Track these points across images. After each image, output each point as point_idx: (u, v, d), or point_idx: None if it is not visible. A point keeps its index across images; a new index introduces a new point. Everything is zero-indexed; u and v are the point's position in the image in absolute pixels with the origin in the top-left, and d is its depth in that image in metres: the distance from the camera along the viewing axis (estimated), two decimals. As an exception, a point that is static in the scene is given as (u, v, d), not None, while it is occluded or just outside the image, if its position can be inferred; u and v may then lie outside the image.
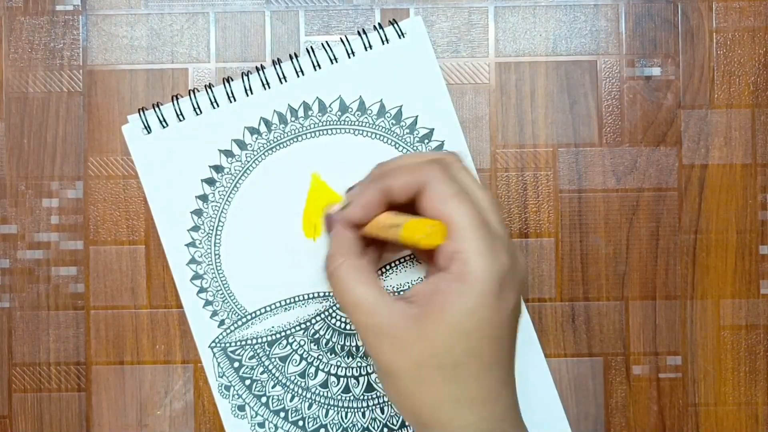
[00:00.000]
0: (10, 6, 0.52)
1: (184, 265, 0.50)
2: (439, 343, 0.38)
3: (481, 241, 0.38)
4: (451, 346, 0.38)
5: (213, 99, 0.50)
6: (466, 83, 0.52)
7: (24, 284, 0.51)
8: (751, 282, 0.52)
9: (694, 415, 0.52)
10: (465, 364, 0.38)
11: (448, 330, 0.38)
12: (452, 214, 0.39)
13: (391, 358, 0.39)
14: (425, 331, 0.38)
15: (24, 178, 0.51)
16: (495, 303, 0.38)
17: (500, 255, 0.39)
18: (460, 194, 0.39)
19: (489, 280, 0.38)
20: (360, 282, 0.40)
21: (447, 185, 0.40)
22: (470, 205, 0.39)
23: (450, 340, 0.38)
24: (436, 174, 0.40)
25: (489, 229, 0.39)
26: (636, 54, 0.52)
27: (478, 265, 0.38)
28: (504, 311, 0.39)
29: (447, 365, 0.38)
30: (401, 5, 0.52)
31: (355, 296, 0.40)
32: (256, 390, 0.50)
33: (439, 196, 0.40)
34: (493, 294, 0.38)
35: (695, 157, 0.52)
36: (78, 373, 0.51)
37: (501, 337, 0.39)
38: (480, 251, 0.38)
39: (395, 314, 0.39)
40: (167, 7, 0.52)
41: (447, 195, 0.39)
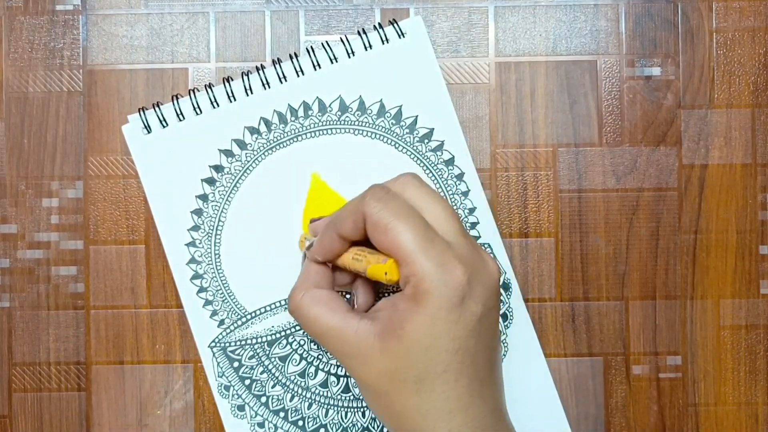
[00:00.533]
0: (10, 6, 0.52)
1: (184, 264, 0.50)
2: (399, 359, 0.39)
3: (428, 261, 0.39)
4: (410, 362, 0.39)
5: (213, 99, 0.50)
6: (466, 83, 0.52)
7: (24, 284, 0.51)
8: (751, 282, 0.52)
9: (694, 415, 0.52)
10: (427, 378, 0.39)
11: (406, 347, 0.39)
12: (393, 242, 0.39)
13: (360, 373, 0.41)
14: (386, 347, 0.39)
15: (24, 178, 0.51)
16: (454, 317, 0.39)
17: (453, 268, 0.39)
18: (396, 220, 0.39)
19: (443, 297, 0.38)
20: (322, 311, 0.42)
21: (381, 214, 0.40)
22: (409, 227, 0.39)
23: (409, 357, 0.39)
24: (369, 206, 0.40)
25: (435, 245, 0.39)
26: (636, 54, 0.52)
27: (429, 285, 0.38)
28: (467, 322, 0.39)
29: (409, 379, 0.39)
30: (401, 5, 0.52)
31: (319, 325, 0.42)
32: (256, 390, 0.50)
33: (377, 229, 0.40)
34: (450, 309, 0.38)
35: (695, 157, 0.52)
36: (78, 373, 0.51)
37: (465, 348, 0.39)
38: (428, 271, 0.38)
39: (360, 334, 0.40)
40: (167, 7, 0.52)
41: (383, 225, 0.39)
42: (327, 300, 0.43)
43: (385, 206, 0.40)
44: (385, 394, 0.40)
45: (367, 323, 0.41)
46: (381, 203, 0.40)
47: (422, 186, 0.42)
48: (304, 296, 0.43)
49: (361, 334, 0.40)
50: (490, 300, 0.40)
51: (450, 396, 0.39)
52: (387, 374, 0.40)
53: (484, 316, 0.40)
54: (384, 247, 0.40)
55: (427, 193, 0.42)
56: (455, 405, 0.39)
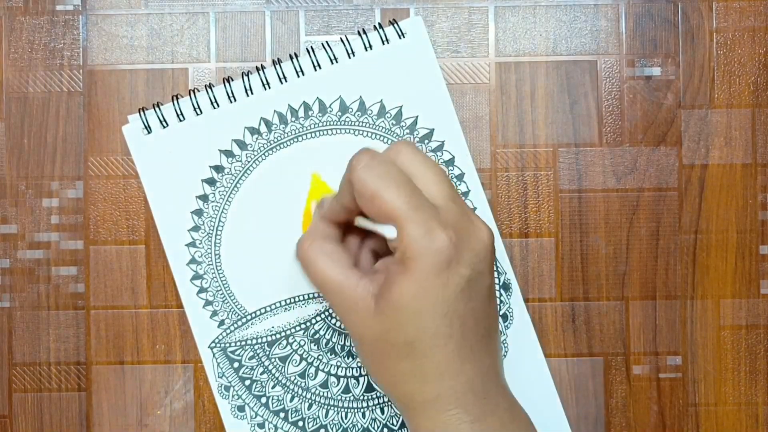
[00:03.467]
0: (10, 6, 0.52)
1: (185, 265, 0.50)
2: (390, 322, 0.40)
3: (414, 225, 0.39)
4: (399, 325, 0.40)
5: (213, 99, 0.50)
6: (466, 83, 0.52)
7: (24, 284, 0.51)
8: (751, 282, 0.52)
9: (694, 415, 0.52)
10: (416, 341, 0.40)
11: (395, 311, 0.40)
12: (380, 209, 0.40)
13: (357, 331, 0.42)
14: (379, 309, 0.40)
15: (24, 178, 0.51)
16: (441, 281, 0.39)
17: (438, 233, 0.39)
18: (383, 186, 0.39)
19: (429, 262, 0.39)
20: (326, 261, 0.42)
21: (367, 181, 0.40)
22: (395, 192, 0.39)
23: (398, 320, 0.40)
24: (354, 173, 0.40)
25: (421, 210, 0.39)
26: (636, 54, 0.52)
27: (414, 249, 0.39)
28: (455, 286, 0.39)
29: (399, 342, 0.40)
30: (401, 5, 0.52)
31: (322, 275, 0.42)
32: (256, 390, 0.50)
33: (362, 197, 0.40)
34: (437, 273, 0.39)
35: (695, 157, 0.52)
36: (78, 373, 0.51)
37: (454, 312, 0.39)
38: (414, 236, 0.39)
39: (358, 292, 0.41)
40: (167, 7, 0.52)
41: (369, 193, 0.40)
42: (332, 252, 0.43)
43: (369, 172, 0.40)
44: (379, 355, 0.41)
45: (365, 282, 0.41)
46: (366, 169, 0.40)
47: (415, 152, 0.42)
48: (311, 245, 0.43)
49: (360, 291, 0.41)
50: (479, 264, 0.40)
51: (440, 359, 0.40)
52: (380, 335, 0.40)
53: (473, 279, 0.40)
54: (373, 214, 0.40)
55: (419, 159, 0.42)
56: (444, 368, 0.40)
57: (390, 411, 0.50)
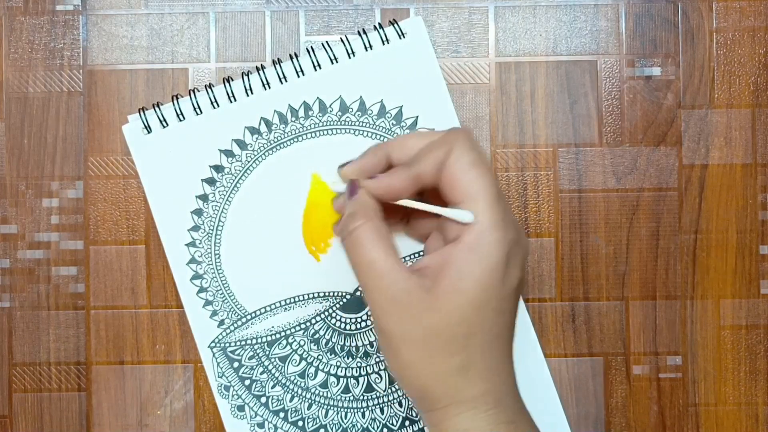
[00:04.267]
0: (10, 6, 0.52)
1: (184, 264, 0.50)
2: (454, 314, 0.38)
3: (496, 214, 0.39)
4: (464, 317, 0.38)
5: (213, 99, 0.50)
6: (466, 83, 0.52)
7: (24, 284, 0.51)
8: (751, 282, 0.52)
9: (694, 415, 0.52)
10: (475, 334, 0.39)
11: (462, 301, 0.38)
12: (472, 183, 0.39)
13: (400, 327, 0.39)
14: (439, 302, 0.38)
15: (24, 178, 0.51)
16: (503, 275, 0.39)
17: (510, 228, 0.39)
18: (480, 164, 0.40)
19: (499, 252, 0.38)
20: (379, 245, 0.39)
21: (468, 153, 0.40)
22: (489, 176, 0.40)
23: (464, 312, 0.38)
24: (460, 141, 0.40)
25: (502, 201, 0.39)
26: (636, 54, 0.52)
27: (492, 236, 0.38)
28: (509, 284, 0.39)
29: (459, 336, 0.38)
30: (401, 5, 0.52)
31: (371, 257, 0.39)
32: (256, 390, 0.50)
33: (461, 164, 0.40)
34: (502, 267, 0.39)
35: (695, 157, 0.52)
36: (78, 373, 0.51)
37: (506, 310, 0.40)
38: (494, 223, 0.39)
39: (410, 283, 0.39)
40: (167, 7, 0.52)
41: (468, 163, 0.39)
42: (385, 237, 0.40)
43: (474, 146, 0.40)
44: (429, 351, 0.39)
45: (416, 277, 0.39)
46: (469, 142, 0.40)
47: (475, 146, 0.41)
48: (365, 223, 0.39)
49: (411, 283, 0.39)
50: (524, 269, 0.40)
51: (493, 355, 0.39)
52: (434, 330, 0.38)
53: (519, 283, 0.40)
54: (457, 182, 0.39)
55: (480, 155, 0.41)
56: (493, 364, 0.39)
57: (390, 411, 0.50)
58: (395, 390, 0.50)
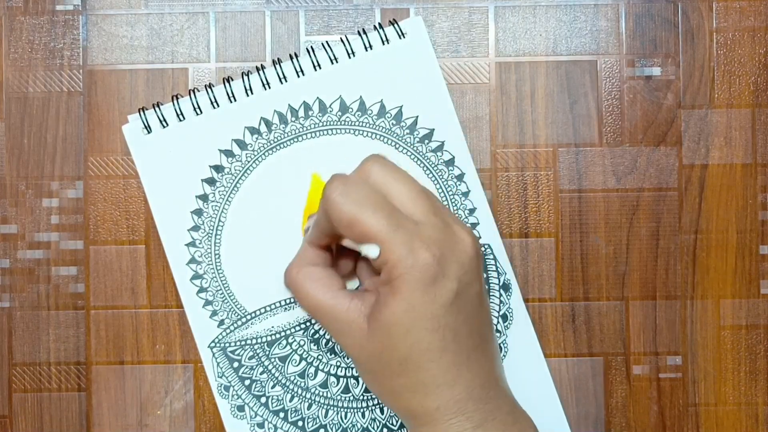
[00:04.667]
0: (10, 6, 0.52)
1: (184, 264, 0.50)
2: (382, 341, 0.40)
3: (396, 247, 0.39)
4: (391, 344, 0.40)
5: (213, 99, 0.50)
6: (466, 83, 0.52)
7: (24, 284, 0.51)
8: (751, 282, 0.52)
9: (694, 415, 0.52)
10: (410, 358, 0.40)
11: (386, 330, 0.40)
12: (360, 234, 0.39)
13: (351, 351, 0.42)
14: (371, 329, 0.40)
15: (24, 178, 0.51)
16: (429, 297, 0.39)
17: (422, 251, 0.39)
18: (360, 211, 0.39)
19: (415, 280, 0.39)
20: (315, 287, 0.43)
21: (343, 208, 0.40)
22: (373, 215, 0.39)
23: (390, 339, 0.40)
24: (329, 203, 0.40)
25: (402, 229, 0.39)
26: (636, 54, 0.52)
27: (399, 269, 0.39)
28: (443, 300, 0.39)
29: (393, 360, 0.40)
30: (401, 5, 0.52)
31: (312, 300, 0.43)
32: (256, 390, 0.50)
33: (341, 224, 0.40)
34: (424, 290, 0.39)
35: (695, 157, 0.52)
36: (78, 373, 0.51)
37: (445, 325, 0.39)
38: (398, 257, 0.39)
39: (350, 314, 0.41)
40: (167, 7, 0.52)
41: (347, 220, 0.39)
42: (321, 277, 0.43)
43: (345, 198, 0.40)
44: (376, 373, 0.41)
45: (357, 303, 0.41)
46: (341, 197, 0.40)
47: (387, 168, 0.41)
48: (299, 272, 0.44)
49: (351, 313, 0.41)
50: (466, 275, 0.40)
51: (435, 373, 0.40)
52: (375, 355, 0.41)
53: (461, 291, 0.40)
54: (353, 239, 0.40)
55: (393, 176, 0.41)
56: (441, 380, 0.40)
57: (390, 411, 0.50)
58: (395, 390, 0.50)
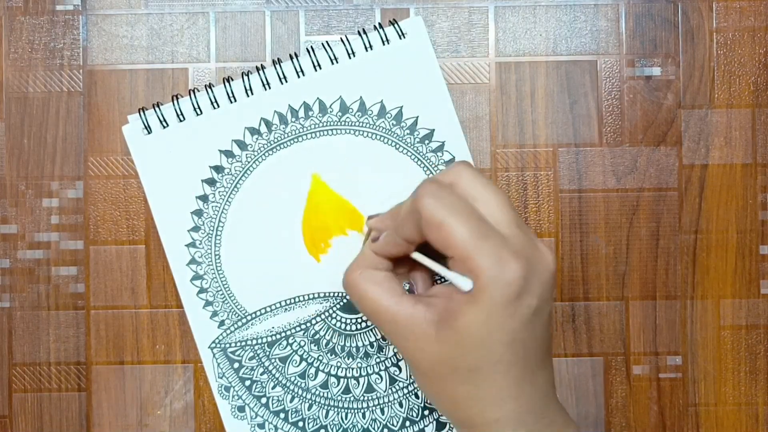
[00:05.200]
0: (10, 6, 0.51)
1: (185, 265, 0.50)
2: (453, 348, 0.39)
3: (483, 257, 0.38)
4: (464, 352, 0.39)
5: (213, 99, 0.50)
6: (467, 83, 0.52)
7: (24, 284, 0.51)
8: (751, 282, 0.52)
9: (694, 415, 0.52)
10: (479, 368, 0.39)
11: (460, 338, 0.39)
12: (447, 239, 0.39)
13: (413, 356, 0.41)
14: (440, 336, 0.39)
15: (24, 178, 0.51)
16: (509, 311, 0.38)
17: (509, 264, 0.38)
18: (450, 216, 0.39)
19: (499, 294, 0.38)
20: (377, 290, 0.42)
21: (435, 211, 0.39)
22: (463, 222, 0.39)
23: (463, 348, 0.39)
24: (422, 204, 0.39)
25: (490, 240, 0.39)
26: (636, 54, 0.52)
27: (485, 281, 0.38)
28: (522, 316, 0.39)
29: (461, 368, 0.39)
30: (401, 5, 0.52)
31: (374, 305, 0.42)
32: (256, 391, 0.50)
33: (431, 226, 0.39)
34: (506, 304, 0.38)
35: (695, 157, 0.52)
36: (78, 373, 0.51)
37: (519, 340, 0.39)
38: (484, 268, 0.38)
39: (414, 319, 0.40)
40: (167, 7, 0.52)
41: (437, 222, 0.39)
42: (383, 281, 0.42)
43: (437, 202, 0.39)
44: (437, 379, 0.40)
45: (421, 309, 0.41)
46: (433, 199, 0.39)
47: (476, 176, 0.41)
48: (361, 274, 0.43)
49: (416, 319, 0.40)
50: (545, 293, 0.40)
51: (502, 385, 0.39)
52: (441, 361, 0.40)
53: (539, 308, 0.39)
54: (439, 244, 0.39)
55: (481, 184, 0.41)
56: (506, 393, 0.40)
57: (390, 411, 0.50)
58: (396, 390, 0.50)
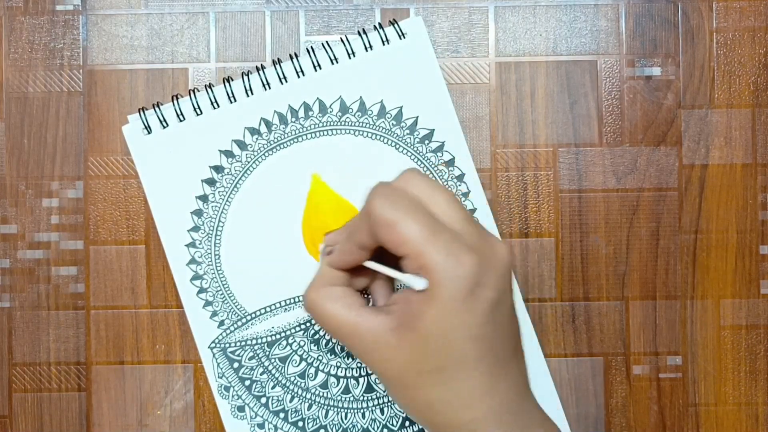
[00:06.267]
0: (10, 6, 0.51)
1: (184, 265, 0.50)
2: (416, 352, 0.39)
3: (436, 253, 0.38)
4: (429, 353, 0.39)
5: (213, 99, 0.50)
6: (466, 83, 0.52)
7: (24, 284, 0.51)
8: (751, 282, 0.52)
9: (694, 415, 0.52)
10: (445, 367, 0.39)
11: (422, 340, 0.39)
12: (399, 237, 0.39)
13: (380, 368, 0.41)
14: (403, 341, 0.40)
15: (24, 178, 0.51)
16: (467, 306, 0.38)
17: (462, 257, 0.38)
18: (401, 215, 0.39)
19: (454, 288, 0.38)
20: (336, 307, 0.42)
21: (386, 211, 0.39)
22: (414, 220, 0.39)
23: (426, 349, 0.39)
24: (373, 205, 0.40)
25: (442, 236, 0.39)
26: (636, 54, 0.52)
27: (439, 277, 0.38)
28: (481, 310, 0.39)
29: (427, 371, 0.40)
30: (401, 5, 0.52)
31: (335, 322, 0.42)
32: (256, 390, 0.50)
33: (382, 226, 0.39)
34: (463, 299, 0.38)
35: (695, 157, 0.52)
36: (78, 373, 0.51)
37: (482, 335, 0.39)
38: (437, 263, 0.38)
39: (375, 330, 0.41)
40: (167, 7, 0.52)
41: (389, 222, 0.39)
42: (341, 296, 0.43)
43: (387, 202, 0.39)
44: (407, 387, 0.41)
45: (381, 318, 0.41)
46: (384, 199, 0.40)
47: (424, 179, 0.42)
48: (318, 293, 0.43)
49: (377, 329, 0.40)
50: (502, 284, 0.40)
51: (472, 383, 0.39)
52: (407, 367, 0.40)
53: (497, 301, 0.39)
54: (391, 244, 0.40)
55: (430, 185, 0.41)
56: (478, 391, 0.40)
57: (390, 411, 0.50)
58: (395, 390, 0.50)
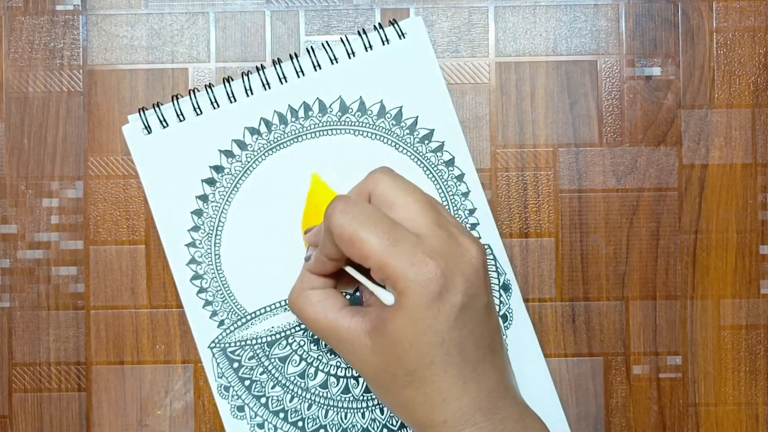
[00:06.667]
0: (10, 6, 0.52)
1: (184, 265, 0.50)
2: (388, 356, 0.40)
3: (398, 262, 0.38)
4: (397, 358, 0.40)
5: (213, 99, 0.50)
6: (466, 83, 0.52)
7: (24, 284, 0.51)
8: (751, 282, 0.52)
9: (694, 415, 0.52)
10: (415, 371, 0.40)
11: (392, 345, 0.40)
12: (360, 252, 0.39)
13: (359, 367, 0.42)
14: (375, 345, 0.41)
15: (24, 178, 0.51)
16: (432, 312, 0.39)
17: (424, 263, 0.38)
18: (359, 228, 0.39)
19: (417, 296, 0.38)
20: (317, 309, 0.43)
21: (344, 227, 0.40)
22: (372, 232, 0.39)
23: (396, 354, 0.40)
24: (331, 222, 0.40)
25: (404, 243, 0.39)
26: (636, 54, 0.52)
27: (403, 285, 0.39)
28: (447, 315, 0.39)
29: (399, 374, 0.40)
30: (401, 5, 0.52)
31: (316, 324, 0.43)
32: (256, 390, 0.50)
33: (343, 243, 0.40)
34: (428, 305, 0.39)
35: (695, 157, 0.52)
36: (78, 373, 0.51)
37: (450, 339, 0.39)
38: (399, 272, 0.38)
39: (352, 332, 0.42)
40: (167, 7, 0.52)
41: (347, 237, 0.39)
42: (321, 299, 0.43)
43: (345, 217, 0.40)
44: (383, 387, 0.41)
45: (358, 320, 0.42)
46: (341, 215, 0.40)
47: (394, 181, 0.41)
48: (299, 297, 0.44)
49: (354, 331, 0.41)
50: (472, 287, 0.40)
51: (441, 386, 0.40)
52: (380, 369, 0.41)
53: (467, 304, 0.39)
54: (356, 258, 0.40)
55: (399, 187, 0.41)
56: (447, 394, 0.40)
57: (389, 412, 0.50)
58: (395, 390, 0.50)
